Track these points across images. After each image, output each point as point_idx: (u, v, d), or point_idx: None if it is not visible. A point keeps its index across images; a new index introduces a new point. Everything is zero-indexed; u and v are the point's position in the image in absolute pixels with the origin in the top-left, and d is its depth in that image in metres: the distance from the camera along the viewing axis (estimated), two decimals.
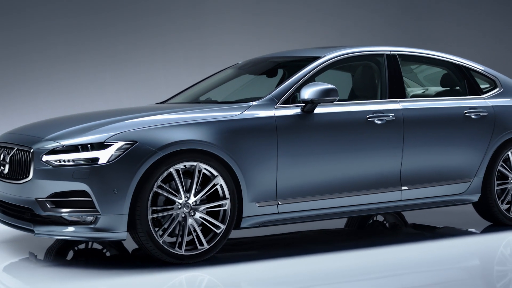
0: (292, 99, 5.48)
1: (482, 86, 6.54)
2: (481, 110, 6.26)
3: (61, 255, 5.57)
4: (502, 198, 6.36)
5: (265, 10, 10.96)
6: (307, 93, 5.35)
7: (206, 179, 5.10)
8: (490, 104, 6.35)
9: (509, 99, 6.52)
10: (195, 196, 5.03)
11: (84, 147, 4.87)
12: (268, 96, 5.42)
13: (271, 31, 10.94)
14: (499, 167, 6.32)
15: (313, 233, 6.40)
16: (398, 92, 5.95)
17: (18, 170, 5.11)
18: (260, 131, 5.24)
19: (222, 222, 5.12)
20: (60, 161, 4.86)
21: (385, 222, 6.94)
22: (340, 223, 6.77)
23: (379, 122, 5.71)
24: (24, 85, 10.00)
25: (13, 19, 9.92)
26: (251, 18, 10.90)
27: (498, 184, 6.35)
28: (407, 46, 6.61)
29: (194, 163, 5.00)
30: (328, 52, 5.86)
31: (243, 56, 9.36)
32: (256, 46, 10.65)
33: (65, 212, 4.87)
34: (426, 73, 6.89)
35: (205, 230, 5.12)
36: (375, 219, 7.00)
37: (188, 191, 5.02)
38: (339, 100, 5.71)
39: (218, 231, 5.11)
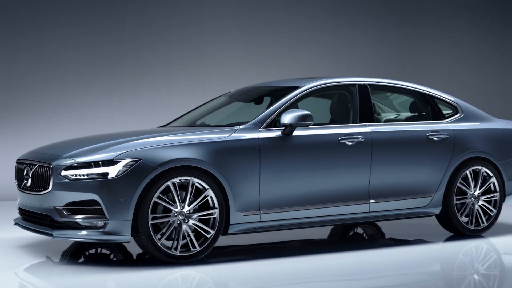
0: (274, 123, 5.93)
1: (445, 112, 6.91)
2: (442, 133, 6.66)
3: (74, 258, 5.97)
4: (462, 211, 6.76)
5: (262, 41, 11.22)
6: (287, 118, 5.84)
7: (198, 191, 5.56)
8: (451, 128, 6.75)
9: (468, 123, 6.90)
10: (189, 205, 5.51)
11: (96, 164, 5.37)
12: (253, 121, 5.89)
13: (267, 60, 11.19)
14: (458, 184, 6.70)
15: (295, 243, 6.74)
16: (368, 117, 6.38)
17: (39, 183, 5.61)
18: (245, 150, 5.70)
19: (212, 228, 5.58)
20: (75, 175, 5.37)
21: (364, 234, 7.27)
22: (323, 234, 7.09)
23: (350, 143, 6.17)
24: (39, 110, 10.32)
25: (31, 52, 10.25)
26: (250, 47, 11.16)
27: (458, 199, 6.73)
28: (396, 75, 6.84)
29: (188, 178, 5.48)
30: (306, 83, 6.32)
31: (242, 82, 9.83)
32: (254, 73, 10.92)
33: (79, 218, 5.36)
34: (399, 100, 7.26)
35: (198, 235, 5.58)
36: (355, 231, 7.31)
37: (183, 201, 5.49)
38: (318, 124, 6.21)
39: (208, 236, 5.57)
